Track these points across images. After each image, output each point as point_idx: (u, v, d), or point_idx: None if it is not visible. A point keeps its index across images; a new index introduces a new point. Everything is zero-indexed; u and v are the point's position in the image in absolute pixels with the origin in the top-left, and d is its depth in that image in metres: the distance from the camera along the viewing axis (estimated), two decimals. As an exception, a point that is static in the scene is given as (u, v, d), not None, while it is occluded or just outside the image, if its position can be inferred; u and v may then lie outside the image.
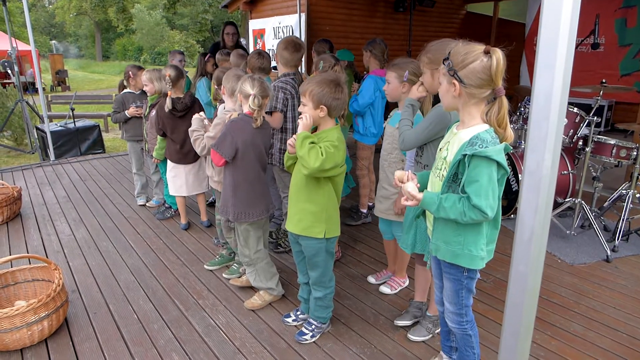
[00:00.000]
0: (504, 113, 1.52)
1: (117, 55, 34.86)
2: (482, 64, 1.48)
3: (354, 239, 3.70)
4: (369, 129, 3.69)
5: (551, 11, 1.03)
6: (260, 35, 8.86)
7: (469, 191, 1.53)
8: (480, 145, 1.50)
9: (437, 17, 9.65)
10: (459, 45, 1.55)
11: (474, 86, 1.51)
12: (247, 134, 2.45)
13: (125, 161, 6.21)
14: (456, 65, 1.52)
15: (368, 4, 8.57)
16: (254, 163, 2.51)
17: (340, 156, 2.09)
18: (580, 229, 3.77)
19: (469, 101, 1.55)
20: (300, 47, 3.20)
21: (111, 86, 20.32)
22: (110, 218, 4.15)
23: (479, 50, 1.50)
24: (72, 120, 6.80)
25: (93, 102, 11.48)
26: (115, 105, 4.27)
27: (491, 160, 1.47)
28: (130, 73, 4.22)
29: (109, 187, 5.09)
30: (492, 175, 1.49)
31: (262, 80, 2.48)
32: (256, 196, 2.55)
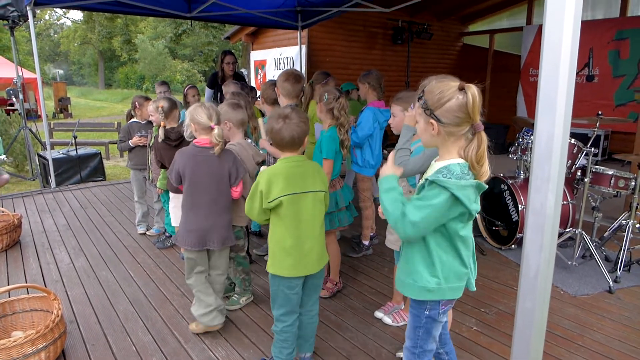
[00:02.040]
0: (484, 149, 1.49)
1: (120, 84, 35.36)
2: (458, 101, 1.47)
3: (355, 269, 3.67)
4: (367, 160, 3.71)
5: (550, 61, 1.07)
6: (262, 65, 9.04)
7: (412, 199, 1.52)
8: (444, 174, 1.48)
9: (434, 49, 9.89)
10: (433, 83, 1.53)
11: (452, 125, 1.49)
12: (190, 162, 2.52)
13: (126, 189, 6.22)
14: (432, 104, 1.51)
15: (367, 36, 8.79)
16: (197, 192, 2.54)
17: (257, 201, 2.10)
18: (582, 259, 3.76)
19: (448, 139, 1.53)
20: (300, 78, 3.28)
21: (113, 113, 20.54)
22: (110, 246, 4.13)
23: (453, 87, 1.48)
24: (75, 148, 6.85)
25: (95, 129, 11.58)
26: (121, 134, 4.32)
27: (447, 191, 1.44)
28: (136, 103, 4.29)
29: (109, 215, 5.08)
30: (442, 205, 1.45)
31: (214, 107, 2.58)
32: (191, 226, 2.56)
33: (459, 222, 1.53)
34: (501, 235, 4.07)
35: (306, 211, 2.15)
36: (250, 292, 3.13)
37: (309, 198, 2.16)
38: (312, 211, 2.17)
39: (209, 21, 8.34)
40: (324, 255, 2.26)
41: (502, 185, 4.02)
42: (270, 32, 8.84)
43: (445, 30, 10.07)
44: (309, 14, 7.13)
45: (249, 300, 3.11)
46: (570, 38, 1.05)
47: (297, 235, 2.15)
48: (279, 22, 7.16)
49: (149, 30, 33.06)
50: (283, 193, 2.09)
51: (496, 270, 3.63)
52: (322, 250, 2.25)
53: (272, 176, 2.11)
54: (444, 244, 1.59)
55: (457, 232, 1.55)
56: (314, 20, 7.17)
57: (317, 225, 2.21)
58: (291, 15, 7.17)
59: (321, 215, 2.23)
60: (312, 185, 2.17)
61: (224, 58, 5.48)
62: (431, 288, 1.60)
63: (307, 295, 2.29)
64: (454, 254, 1.60)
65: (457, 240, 1.57)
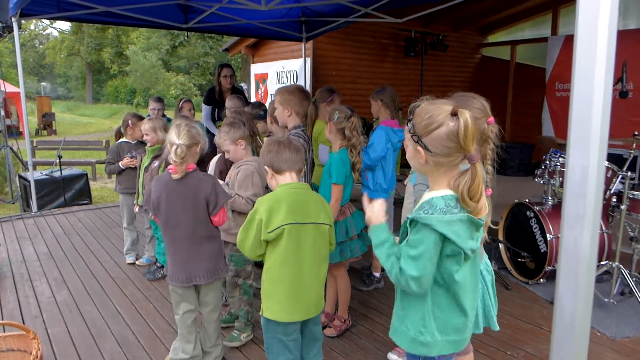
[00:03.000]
0: (479, 183, 1.45)
1: (109, 98, 35.88)
2: (447, 129, 1.43)
3: (366, 305, 3.64)
4: (380, 184, 3.71)
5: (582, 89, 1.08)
6: (263, 79, 9.16)
7: (403, 249, 1.50)
8: (426, 210, 1.46)
9: (450, 62, 9.98)
10: (423, 105, 1.50)
11: (440, 155, 1.46)
12: (164, 191, 2.51)
13: (114, 214, 6.25)
14: (420, 130, 1.48)
15: (377, 48, 8.91)
16: (171, 223, 2.52)
17: (253, 231, 2.08)
18: (620, 296, 3.70)
19: (437, 170, 1.51)
20: (308, 94, 3.30)
21: (100, 130, 20.77)
22: (95, 278, 4.13)
23: (444, 112, 1.45)
24: (59, 168, 6.91)
25: (81, 147, 11.70)
26: (109, 155, 4.37)
27: (434, 230, 1.42)
28: (129, 122, 4.35)
29: (95, 242, 5.09)
30: (433, 247, 1.43)
31: (191, 125, 2.54)
32: (175, 260, 2.55)
33: (454, 263, 1.49)
34: (528, 267, 4.03)
35: (307, 245, 2.12)
36: (251, 327, 3.12)
37: (310, 230, 2.13)
38: (312, 246, 2.14)
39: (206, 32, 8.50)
40: (322, 298, 2.23)
41: (528, 212, 4.00)
42: (272, 44, 8.99)
43: (462, 42, 10.20)
44: (314, 25, 7.26)
45: (249, 338, 3.08)
46: (604, 59, 1.06)
47: (296, 271, 2.11)
48: (281, 33, 7.28)
49: (141, 40, 33.71)
50: (286, 221, 2.06)
51: (523, 307, 3.58)
52: (321, 292, 2.21)
53: (274, 202, 2.09)
54: (439, 291, 1.54)
55: (452, 276, 1.50)
56: (319, 31, 7.29)
57: (318, 262, 2.17)
58: (295, 26, 7.29)
59: (322, 252, 2.19)
60: (316, 216, 2.15)
61: (221, 71, 5.56)
62: (425, 342, 1.55)
63: (307, 345, 2.25)
64: (451, 304, 1.55)
65: (453, 286, 1.53)
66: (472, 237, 1.48)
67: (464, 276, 1.53)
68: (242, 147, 2.93)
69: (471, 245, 1.47)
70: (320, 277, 2.20)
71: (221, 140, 2.95)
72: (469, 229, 1.46)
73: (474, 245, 1.48)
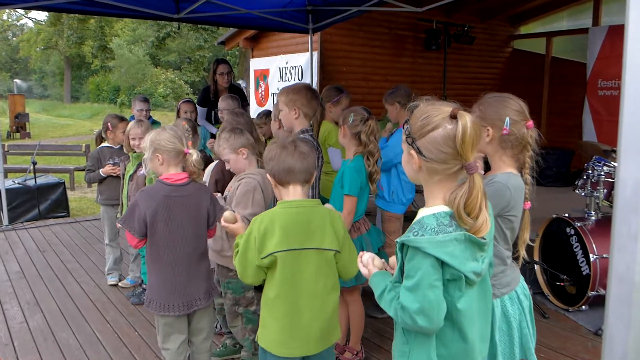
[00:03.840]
0: (477, 196, 1.44)
1: (90, 96, 36.23)
2: (444, 132, 1.44)
3: (381, 335, 3.62)
4: (397, 193, 3.72)
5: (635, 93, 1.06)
6: (264, 76, 9.21)
7: (402, 286, 1.49)
8: (416, 232, 1.45)
9: (477, 56, 9.99)
10: (421, 105, 1.53)
11: (435, 160, 1.46)
12: (163, 207, 2.47)
13: (94, 228, 6.28)
14: (415, 131, 1.49)
15: (394, 40, 8.93)
16: (171, 242, 2.50)
17: (251, 255, 2.05)
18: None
19: (431, 178, 1.51)
20: (317, 93, 3.31)
21: (80, 133, 20.96)
22: (73, 301, 4.13)
23: (442, 114, 1.46)
24: (33, 176, 6.97)
25: (58, 152, 11.79)
26: (89, 162, 4.39)
27: (426, 254, 1.41)
28: (109, 125, 4.37)
29: (73, 260, 5.11)
30: (429, 273, 1.43)
31: (185, 128, 2.58)
32: (171, 286, 2.52)
33: (455, 289, 1.47)
34: (567, 292, 3.99)
35: (307, 274, 2.08)
36: None
37: (312, 257, 2.09)
38: (315, 274, 2.09)
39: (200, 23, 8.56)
40: (331, 332, 2.17)
41: (568, 229, 3.97)
42: (274, 36, 9.05)
43: (490, 33, 10.20)
44: (322, 14, 7.29)
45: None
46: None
47: (292, 303, 2.08)
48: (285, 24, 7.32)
49: (126, 32, 34.07)
50: (278, 248, 2.03)
51: (563, 338, 3.54)
52: (328, 326, 2.15)
53: (269, 224, 2.05)
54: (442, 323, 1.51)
55: (453, 304, 1.49)
56: (328, 21, 7.32)
57: (324, 293, 2.12)
58: (300, 15, 7.33)
59: (328, 281, 2.14)
60: (319, 241, 2.09)
61: (217, 67, 5.59)
62: None
63: None
64: (455, 337, 1.53)
65: (456, 315, 1.50)
66: (474, 257, 1.47)
67: (469, 304, 1.50)
68: (244, 156, 2.92)
69: (473, 267, 1.45)
70: (328, 309, 2.14)
71: (220, 148, 2.94)
72: (468, 249, 1.45)
73: (477, 267, 1.46)
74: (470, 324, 1.53)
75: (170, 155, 2.51)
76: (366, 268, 1.72)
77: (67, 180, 9.07)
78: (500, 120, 1.95)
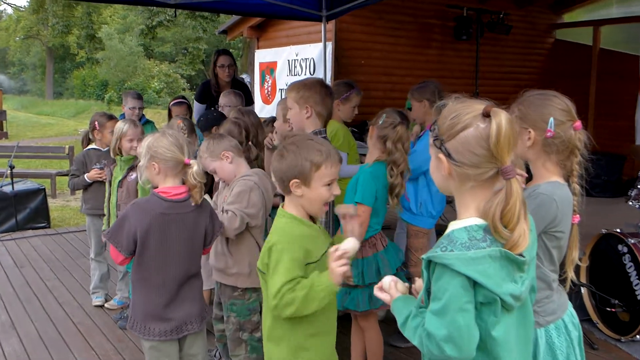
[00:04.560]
0: (515, 204, 1.42)
1: (74, 92, 36.57)
2: (476, 132, 1.44)
3: (404, 365, 3.59)
4: (425, 205, 3.69)
5: None
6: (270, 70, 9.23)
7: (428, 310, 1.48)
8: (443, 247, 1.44)
9: (514, 47, 9.95)
10: (450, 104, 1.53)
11: (467, 164, 1.46)
12: (158, 224, 2.46)
13: (78, 241, 6.31)
14: (443, 132, 1.49)
15: (419, 30, 8.92)
16: (162, 262, 2.50)
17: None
18: None
19: (463, 185, 1.50)
20: (331, 90, 3.31)
21: (63, 133, 21.13)
22: (53, 324, 4.14)
23: (474, 111, 1.46)
24: (10, 181, 7.01)
25: (38, 155, 11.87)
26: (74, 166, 4.41)
27: (455, 272, 1.40)
28: (96, 124, 4.39)
29: (54, 277, 5.12)
30: (459, 294, 1.41)
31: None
32: (160, 310, 2.52)
33: (490, 314, 1.45)
34: (619, 320, 3.94)
35: None
36: None
37: None
38: None
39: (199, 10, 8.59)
40: None
41: (620, 247, 3.92)
42: (282, 25, 9.07)
43: (529, 21, 10.17)
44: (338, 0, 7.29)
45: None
46: None
47: None
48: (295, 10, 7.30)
49: (116, 20, 34.41)
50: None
51: (614, 373, 3.49)
52: None
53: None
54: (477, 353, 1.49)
55: (487, 331, 1.46)
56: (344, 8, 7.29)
57: None
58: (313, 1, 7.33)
59: None
60: None
61: (217, 59, 5.59)
62: None
63: None
64: None
65: (491, 345, 1.48)
66: (512, 278, 1.44)
67: (506, 332, 1.48)
68: (228, 160, 2.93)
69: (511, 289, 1.43)
70: None
71: (202, 160, 2.95)
72: (504, 268, 1.43)
73: (515, 289, 1.44)
74: (508, 355, 1.50)
75: (168, 165, 2.49)
76: (387, 293, 1.72)
77: (48, 187, 9.12)
78: (543, 121, 1.93)
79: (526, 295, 1.52)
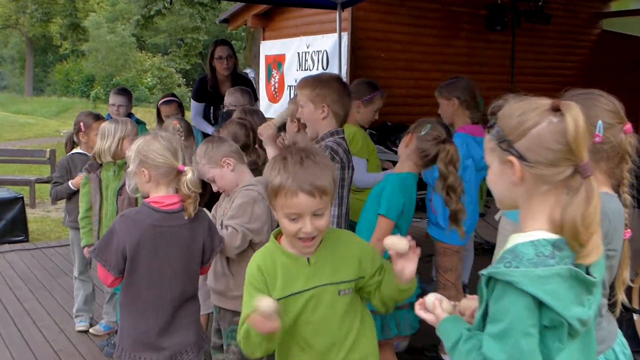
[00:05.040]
0: (596, 206, 1.44)
1: (57, 88, 36.81)
2: (551, 127, 1.46)
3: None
4: (455, 219, 3.67)
5: None
6: (277, 64, 9.22)
7: (486, 333, 1.48)
8: (508, 263, 1.44)
9: (554, 39, 9.90)
10: (511, 103, 1.55)
11: (543, 163, 1.47)
12: (148, 239, 2.45)
13: (60, 257, 6.31)
14: (509, 132, 1.51)
15: (446, 19, 8.90)
16: (154, 282, 2.49)
17: None
18: None
19: (537, 189, 1.50)
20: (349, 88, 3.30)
21: (43, 134, 21.24)
22: (31, 350, 4.14)
23: (540, 107, 1.49)
24: (-16, 190, 7.05)
25: (15, 159, 11.93)
26: (56, 172, 4.42)
27: (521, 291, 1.40)
28: (82, 125, 4.39)
29: (33, 298, 5.12)
30: (523, 316, 1.41)
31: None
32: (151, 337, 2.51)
33: (554, 339, 1.44)
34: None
35: None
36: None
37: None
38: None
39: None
40: None
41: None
42: (291, 13, 9.08)
43: (571, 10, 10.12)
44: (355, -14, 7.29)
45: None
46: None
47: None
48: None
49: (104, 7, 34.64)
50: None
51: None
52: None
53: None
54: None
55: (551, 359, 1.45)
56: (362, -6, 7.33)
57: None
58: (326, -14, 7.35)
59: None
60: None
61: (215, 50, 5.59)
62: None
63: None
64: None
65: None
66: (580, 301, 1.44)
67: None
68: (229, 167, 2.93)
69: (579, 313, 1.42)
70: None
71: (199, 166, 2.94)
72: (572, 289, 1.42)
73: (583, 313, 1.43)
74: None
75: (160, 172, 2.48)
76: (430, 314, 1.70)
77: (27, 195, 9.16)
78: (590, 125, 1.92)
79: (592, 321, 1.52)
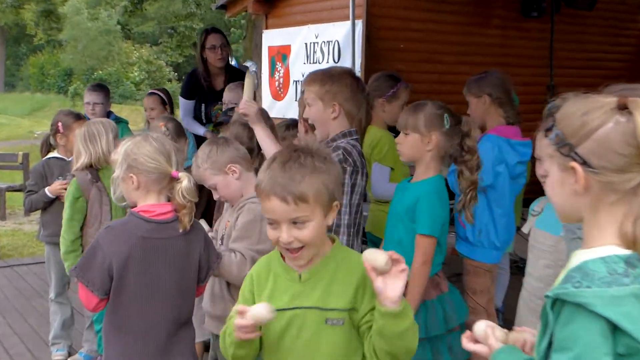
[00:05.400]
0: None
1: (30, 82, 37.01)
2: (618, 127, 1.46)
3: None
4: (487, 233, 3.68)
5: None
6: (282, 56, 9.23)
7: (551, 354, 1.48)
8: (577, 282, 1.44)
9: (599, 27, 9.89)
10: (570, 102, 1.56)
11: (611, 169, 1.47)
12: (137, 253, 2.46)
13: (33, 276, 6.33)
14: (570, 135, 1.52)
15: (475, 3, 8.88)
16: (145, 304, 2.50)
17: None
18: None
19: (604, 199, 1.51)
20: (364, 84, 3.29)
21: (16, 136, 21.38)
22: (1, 384, 4.16)
23: (605, 105, 1.50)
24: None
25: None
26: (31, 179, 4.43)
27: (593, 314, 1.39)
28: (60, 125, 4.40)
29: (4, 323, 5.15)
30: (597, 343, 1.40)
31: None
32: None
33: None
34: None
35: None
36: None
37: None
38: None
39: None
40: None
41: None
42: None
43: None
44: (371, -34, 7.31)
45: None
46: None
47: None
48: (315, -21, 7.36)
49: (84, -8, 34.79)
50: None
51: None
52: None
53: None
54: None
55: None
56: (378, -23, 7.35)
57: None
58: (338, -32, 7.37)
59: None
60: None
61: (206, 40, 5.64)
62: None
63: None
64: None
65: None
66: None
67: None
68: (235, 175, 2.93)
69: None
70: None
71: (200, 170, 2.95)
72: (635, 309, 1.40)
73: None
74: None
75: (151, 178, 2.50)
76: (482, 345, 1.72)
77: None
78: None
79: None
